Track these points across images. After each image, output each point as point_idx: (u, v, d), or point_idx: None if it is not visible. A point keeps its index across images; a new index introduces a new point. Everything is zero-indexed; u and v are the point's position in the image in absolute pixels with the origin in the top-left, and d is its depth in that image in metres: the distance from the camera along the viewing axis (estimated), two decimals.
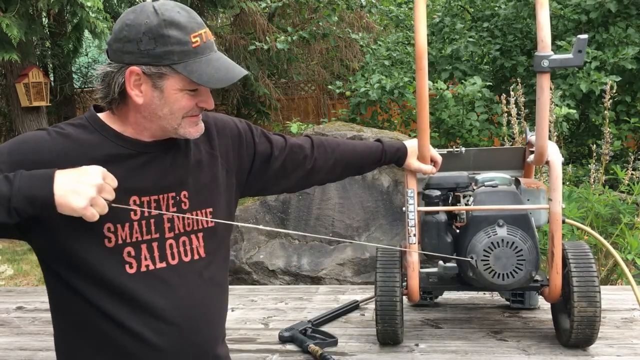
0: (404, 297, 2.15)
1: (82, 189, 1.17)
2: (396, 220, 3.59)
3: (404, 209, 2.02)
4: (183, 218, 1.37)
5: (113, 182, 1.22)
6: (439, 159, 1.98)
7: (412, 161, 1.92)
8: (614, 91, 4.66)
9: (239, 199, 1.56)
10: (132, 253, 1.30)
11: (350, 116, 6.19)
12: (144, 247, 1.31)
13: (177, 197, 1.37)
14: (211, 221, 1.42)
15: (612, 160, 4.74)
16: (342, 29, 8.33)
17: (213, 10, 7.92)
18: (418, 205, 2.02)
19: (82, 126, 1.33)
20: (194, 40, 1.31)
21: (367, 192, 3.68)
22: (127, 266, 1.29)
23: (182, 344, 1.35)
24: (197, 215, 1.38)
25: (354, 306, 2.61)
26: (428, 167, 1.93)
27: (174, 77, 1.30)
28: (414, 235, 1.98)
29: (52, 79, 8.78)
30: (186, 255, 1.36)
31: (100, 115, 1.37)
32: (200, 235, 1.39)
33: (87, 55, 10.52)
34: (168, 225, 1.35)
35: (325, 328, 2.38)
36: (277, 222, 3.77)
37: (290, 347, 2.24)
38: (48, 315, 2.72)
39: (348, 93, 6.61)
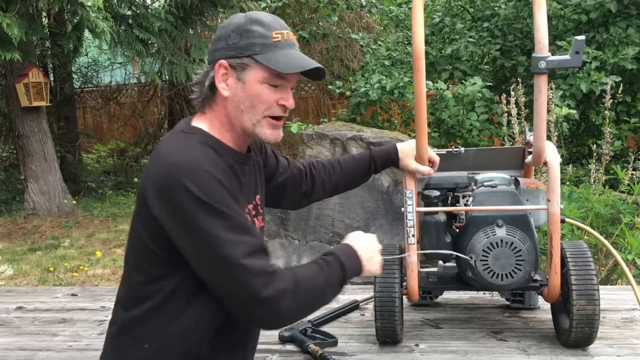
0: (404, 297, 2.15)
1: (375, 259, 1.54)
2: (396, 220, 3.59)
3: (402, 209, 2.02)
4: (262, 219, 1.59)
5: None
6: (437, 159, 1.99)
7: (410, 162, 1.95)
8: (619, 92, 4.67)
9: None
10: None
11: (350, 116, 6.19)
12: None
13: (258, 202, 1.57)
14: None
15: (613, 160, 4.75)
16: (342, 29, 8.34)
17: (213, 10, 7.90)
18: (417, 206, 2.02)
19: (204, 143, 1.40)
20: (275, 35, 1.42)
21: (367, 192, 3.68)
22: None
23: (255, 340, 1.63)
24: (263, 219, 1.60)
25: (354, 306, 2.61)
26: (425, 168, 1.96)
27: (255, 68, 1.41)
28: (413, 235, 1.99)
29: (52, 79, 8.78)
30: None
31: (197, 124, 1.46)
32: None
33: (87, 55, 10.51)
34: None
35: (325, 328, 2.38)
36: (277, 222, 3.77)
37: (290, 347, 2.24)
38: (48, 315, 2.73)
39: (348, 93, 6.62)
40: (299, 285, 1.34)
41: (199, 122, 1.46)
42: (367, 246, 1.53)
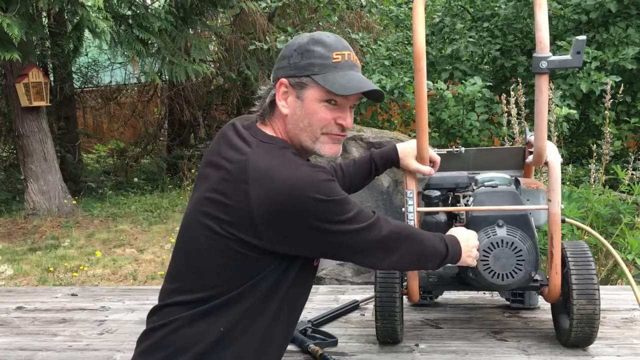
0: (404, 297, 2.15)
1: (472, 252, 1.77)
2: (396, 220, 3.59)
3: (403, 209, 2.02)
4: None
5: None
6: (438, 159, 1.99)
7: (411, 162, 1.95)
8: (619, 92, 4.67)
9: None
10: None
11: None
12: None
13: None
14: None
15: (613, 160, 4.74)
16: (342, 29, 8.33)
17: (213, 10, 7.91)
18: (418, 206, 2.02)
19: (295, 154, 1.46)
20: (335, 56, 1.46)
21: (367, 192, 3.68)
22: None
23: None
24: None
25: (354, 306, 2.61)
26: (426, 168, 1.96)
27: (314, 87, 1.45)
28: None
29: (52, 79, 8.78)
30: None
31: (271, 133, 1.50)
32: None
33: (87, 55, 10.51)
34: None
35: (325, 328, 2.38)
36: None
37: (290, 347, 2.24)
38: (48, 315, 2.73)
39: None
40: (415, 234, 1.61)
41: (271, 132, 1.50)
42: (468, 240, 1.75)
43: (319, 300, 2.77)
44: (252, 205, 1.37)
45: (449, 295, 2.70)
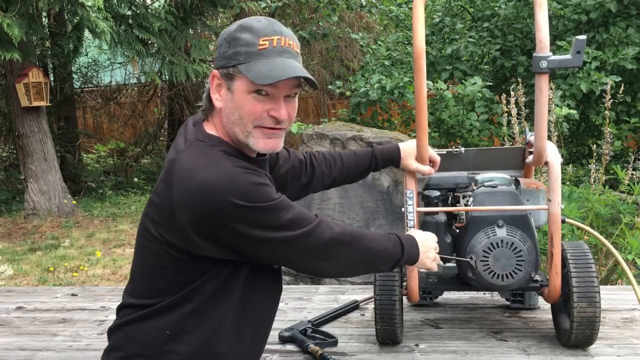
0: (404, 297, 2.15)
1: (430, 253, 1.63)
2: (396, 220, 3.59)
3: (403, 209, 2.02)
4: None
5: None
6: (438, 159, 1.99)
7: (411, 162, 1.94)
8: (619, 92, 4.67)
9: None
10: None
11: (350, 116, 6.19)
12: None
13: None
14: None
15: (613, 160, 4.74)
16: (342, 29, 8.34)
17: (213, 10, 7.90)
18: (417, 206, 2.01)
19: (229, 154, 1.37)
20: (261, 42, 1.33)
21: (367, 192, 3.68)
22: None
23: None
24: None
25: (354, 306, 2.61)
26: (426, 168, 1.95)
27: (241, 78, 1.34)
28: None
29: (52, 79, 8.78)
30: None
31: (211, 131, 1.42)
32: None
33: (87, 55, 10.50)
34: None
35: (325, 328, 2.38)
36: None
37: (290, 347, 2.24)
38: (48, 315, 2.73)
39: (348, 93, 6.61)
40: (361, 238, 1.47)
41: (211, 130, 1.42)
42: (425, 240, 1.63)
43: (319, 300, 2.77)
44: (174, 206, 1.31)
45: (449, 295, 2.69)
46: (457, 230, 2.10)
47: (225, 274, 1.38)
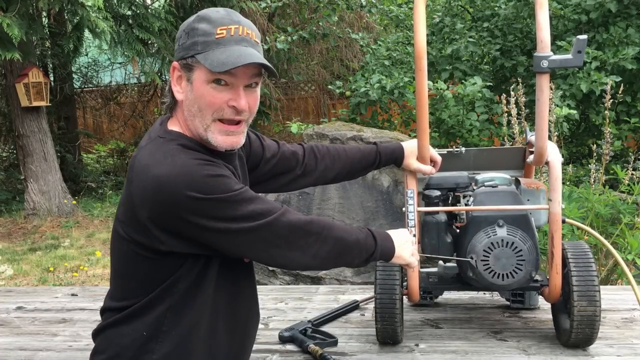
0: (404, 297, 2.15)
1: (407, 246, 1.60)
2: (396, 220, 3.59)
3: (403, 209, 2.02)
4: None
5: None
6: (439, 159, 1.99)
7: (412, 161, 1.94)
8: (619, 92, 4.67)
9: None
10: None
11: (350, 116, 6.19)
12: None
13: None
14: None
15: (613, 160, 4.75)
16: (342, 29, 8.33)
17: None
18: (418, 206, 2.02)
19: (187, 147, 1.36)
20: (219, 32, 1.33)
21: (367, 192, 3.68)
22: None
23: None
24: None
25: (354, 306, 2.61)
26: (427, 168, 1.96)
27: (199, 68, 1.33)
28: (414, 235, 1.98)
29: (52, 79, 8.78)
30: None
31: (173, 127, 1.41)
32: None
33: (87, 55, 10.51)
34: None
35: (325, 328, 2.38)
36: None
37: (290, 347, 2.24)
38: (48, 315, 2.73)
39: (348, 93, 6.61)
40: (330, 228, 1.44)
41: (174, 126, 1.41)
42: (399, 235, 1.61)
43: (319, 300, 2.77)
44: (134, 203, 1.32)
45: (449, 295, 2.69)
46: (458, 230, 2.10)
47: (197, 271, 1.38)
